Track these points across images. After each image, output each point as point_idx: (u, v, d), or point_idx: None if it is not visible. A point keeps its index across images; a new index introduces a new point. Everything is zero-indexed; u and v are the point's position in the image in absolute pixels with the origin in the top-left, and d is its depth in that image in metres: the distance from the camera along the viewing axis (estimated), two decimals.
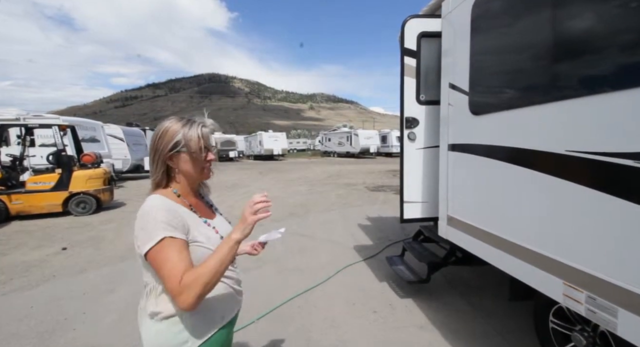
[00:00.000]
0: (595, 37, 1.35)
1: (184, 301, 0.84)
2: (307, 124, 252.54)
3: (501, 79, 1.91)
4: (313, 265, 4.01)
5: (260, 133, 31.38)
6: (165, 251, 0.88)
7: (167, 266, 0.87)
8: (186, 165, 1.02)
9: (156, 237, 0.88)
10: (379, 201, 8.30)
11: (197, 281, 0.85)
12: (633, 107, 1.15)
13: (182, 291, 0.84)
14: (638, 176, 1.13)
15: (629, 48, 1.20)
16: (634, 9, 1.19)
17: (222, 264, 0.90)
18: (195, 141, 1.00)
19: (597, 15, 1.37)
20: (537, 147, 1.59)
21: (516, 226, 1.81)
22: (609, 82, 1.25)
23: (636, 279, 1.16)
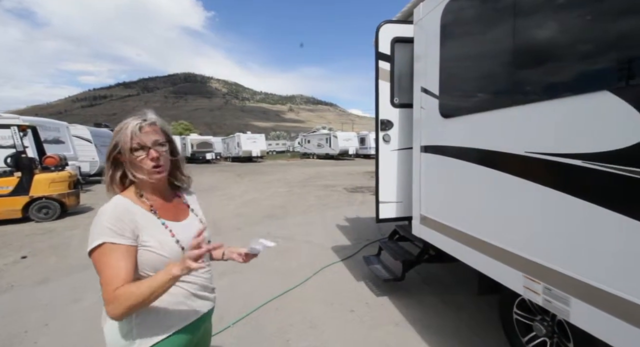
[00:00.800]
0: (549, 46, 1.46)
1: (111, 311, 0.86)
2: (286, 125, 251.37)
3: (467, 83, 2.02)
4: (292, 267, 4.00)
5: (238, 134, 30.86)
6: (105, 257, 0.89)
7: (106, 272, 0.88)
8: (132, 167, 0.99)
9: (96, 241, 0.89)
10: (357, 202, 8.41)
11: (126, 299, 0.85)
12: (581, 112, 1.26)
13: (112, 301, 0.85)
14: (586, 174, 1.24)
15: (578, 57, 1.31)
16: (586, 22, 1.31)
17: (152, 293, 0.87)
18: (126, 142, 0.96)
19: (553, 27, 1.48)
20: (500, 149, 1.69)
21: (482, 224, 1.92)
22: (562, 88, 1.36)
23: (586, 270, 1.27)
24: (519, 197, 1.59)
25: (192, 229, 1.07)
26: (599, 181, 1.20)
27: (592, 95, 1.21)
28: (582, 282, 1.27)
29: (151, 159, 0.98)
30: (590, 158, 1.22)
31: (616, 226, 1.16)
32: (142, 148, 0.97)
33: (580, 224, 1.29)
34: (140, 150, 0.97)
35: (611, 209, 1.16)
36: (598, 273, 1.22)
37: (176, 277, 0.90)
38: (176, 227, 1.04)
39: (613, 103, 1.13)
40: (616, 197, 1.15)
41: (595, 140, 1.21)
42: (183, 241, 1.02)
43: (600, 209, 1.20)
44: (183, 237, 1.03)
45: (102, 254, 0.89)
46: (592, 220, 1.24)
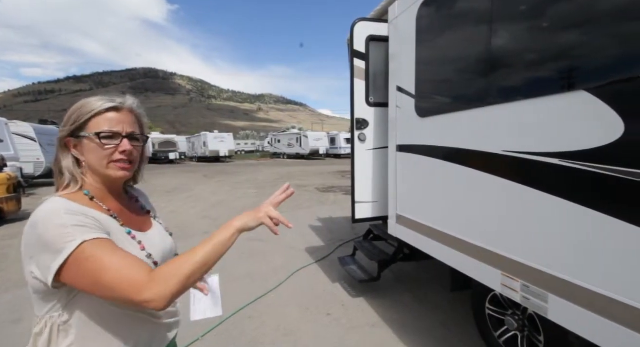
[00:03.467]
0: (524, 47, 1.49)
1: (158, 293, 0.64)
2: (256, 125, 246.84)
3: (444, 83, 2.03)
4: (264, 270, 3.84)
5: (204, 134, 29.62)
6: (98, 253, 0.66)
7: (115, 264, 0.66)
8: (90, 156, 0.78)
9: (70, 244, 0.65)
10: (330, 202, 8.39)
11: (179, 271, 0.68)
12: (558, 111, 1.28)
13: (151, 286, 0.65)
14: (563, 173, 1.27)
15: (553, 58, 1.34)
16: (559, 24, 1.34)
17: (216, 253, 0.73)
18: (95, 124, 0.77)
19: (527, 28, 1.51)
20: (477, 148, 1.70)
21: (460, 222, 1.93)
22: (538, 88, 1.38)
23: (563, 266, 1.30)
24: (497, 195, 1.61)
25: (160, 241, 0.90)
26: (576, 180, 1.22)
27: (568, 94, 1.24)
28: (560, 278, 1.30)
29: (122, 151, 0.79)
30: (567, 157, 1.24)
31: (593, 223, 1.19)
32: (113, 136, 0.78)
33: (558, 222, 1.32)
34: (110, 138, 0.78)
35: (587, 207, 1.19)
36: (575, 270, 1.25)
37: (241, 229, 0.78)
38: (143, 238, 0.84)
39: (589, 102, 1.16)
40: (592, 195, 1.18)
41: (571, 139, 1.23)
42: (155, 255, 0.82)
43: (577, 207, 1.23)
44: (153, 251, 0.83)
45: (90, 255, 0.66)
46: (568, 218, 1.27)
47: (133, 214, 0.90)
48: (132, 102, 0.85)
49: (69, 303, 0.72)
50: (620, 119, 1.06)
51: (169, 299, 0.66)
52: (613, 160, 1.09)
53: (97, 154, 0.78)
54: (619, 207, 1.10)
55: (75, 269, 0.66)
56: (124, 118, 0.81)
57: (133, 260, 0.69)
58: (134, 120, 0.84)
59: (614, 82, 1.09)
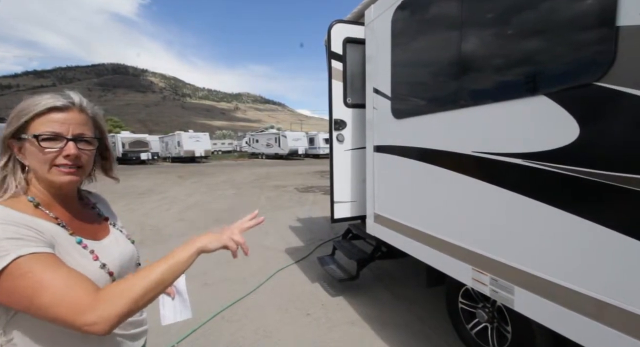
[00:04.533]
0: (491, 53, 1.58)
1: (102, 316, 0.59)
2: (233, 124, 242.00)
3: (418, 85, 2.11)
4: (243, 273, 3.78)
5: (179, 133, 28.64)
6: (33, 273, 0.59)
7: (55, 282, 0.60)
8: (31, 160, 0.72)
9: (2, 259, 0.59)
10: (309, 202, 8.40)
11: (131, 289, 0.63)
12: (520, 114, 1.37)
13: (96, 306, 0.60)
14: (527, 172, 1.36)
15: (516, 64, 1.43)
16: (522, 33, 1.43)
17: (173, 273, 0.70)
18: (36, 125, 0.71)
19: (495, 36, 1.60)
20: (449, 149, 1.78)
21: (433, 220, 2.01)
22: (503, 92, 1.47)
23: (528, 260, 1.39)
24: (467, 194, 1.69)
25: (117, 249, 0.84)
26: (538, 179, 1.31)
27: (530, 99, 1.33)
28: (524, 272, 1.39)
29: (65, 155, 0.72)
30: (530, 157, 1.33)
31: (553, 219, 1.28)
32: (55, 138, 0.71)
33: (522, 218, 1.40)
34: (51, 140, 0.71)
35: (549, 204, 1.28)
36: (538, 263, 1.34)
37: (202, 250, 0.74)
38: (97, 247, 0.78)
39: (549, 106, 1.25)
40: (553, 193, 1.27)
41: (534, 141, 1.32)
42: (111, 265, 0.77)
43: (539, 204, 1.32)
44: (109, 260, 0.78)
45: (25, 272, 0.59)
46: (532, 214, 1.36)
47: (86, 222, 0.83)
48: (79, 98, 0.77)
49: (10, 322, 0.66)
50: (575, 122, 1.15)
51: (113, 322, 0.61)
52: (570, 161, 1.18)
53: (38, 158, 0.71)
54: (577, 204, 1.20)
55: (7, 287, 0.59)
56: (70, 118, 0.74)
57: (76, 278, 0.63)
58: (84, 120, 0.77)
59: (569, 88, 1.18)
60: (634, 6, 1.00)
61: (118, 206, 7.85)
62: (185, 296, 0.95)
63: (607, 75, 1.06)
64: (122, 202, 8.38)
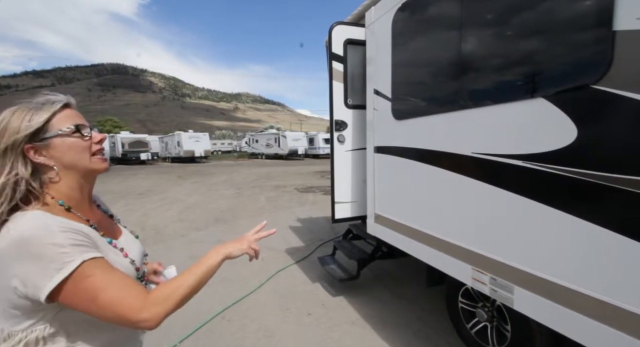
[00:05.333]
0: (491, 56, 1.59)
1: (155, 314, 0.68)
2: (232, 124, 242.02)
3: (418, 87, 2.12)
4: (243, 273, 3.80)
5: (178, 133, 28.63)
6: (95, 276, 0.66)
7: (115, 285, 0.67)
8: (68, 154, 0.73)
9: (69, 264, 0.63)
10: (309, 202, 8.42)
11: (174, 293, 0.72)
12: (520, 116, 1.39)
13: (150, 305, 0.68)
14: (525, 173, 1.37)
15: (515, 67, 1.44)
16: (522, 36, 1.44)
17: (206, 277, 0.78)
18: (71, 117, 0.75)
19: (495, 38, 1.61)
20: (449, 150, 1.80)
21: (433, 220, 2.03)
22: (503, 94, 1.48)
23: (527, 260, 1.40)
24: (467, 194, 1.71)
25: (133, 246, 0.90)
26: (537, 180, 1.33)
27: (530, 101, 1.35)
28: (524, 271, 1.40)
29: (98, 141, 0.78)
30: (529, 159, 1.35)
31: (551, 219, 1.30)
32: (84, 128, 0.76)
33: (521, 218, 1.42)
34: (86, 129, 0.76)
35: (547, 204, 1.30)
36: (537, 262, 1.36)
37: (229, 256, 0.85)
38: (123, 245, 0.85)
39: (547, 108, 1.27)
40: (552, 193, 1.29)
41: (533, 142, 1.34)
42: (136, 261, 0.86)
43: (538, 204, 1.34)
44: (132, 256, 0.85)
45: (89, 275, 0.65)
46: (531, 214, 1.38)
47: (104, 222, 0.87)
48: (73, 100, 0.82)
49: (57, 315, 0.70)
50: (573, 125, 1.17)
51: (162, 320, 0.70)
52: (568, 162, 1.20)
53: (78, 149, 0.74)
54: (574, 205, 1.22)
55: (72, 289, 0.65)
56: (78, 113, 0.80)
57: (128, 280, 0.72)
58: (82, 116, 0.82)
59: (567, 91, 1.20)
60: (631, 10, 1.02)
61: (118, 206, 7.85)
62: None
63: (604, 78, 1.08)
64: (121, 203, 8.39)
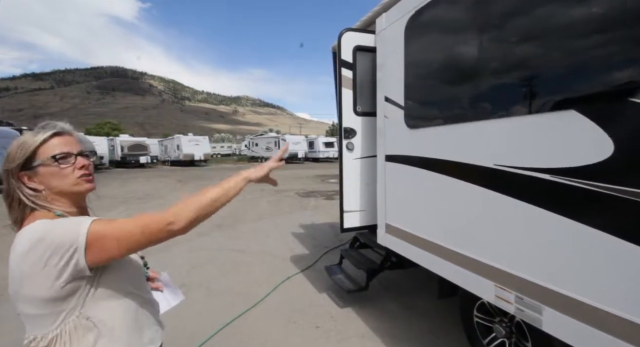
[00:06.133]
0: (515, 65, 1.54)
1: (181, 217, 0.81)
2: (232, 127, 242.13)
3: (436, 96, 2.07)
4: (248, 283, 3.72)
5: (178, 136, 28.54)
6: (110, 221, 0.80)
7: (129, 219, 0.80)
8: (53, 181, 0.85)
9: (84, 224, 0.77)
10: (311, 207, 8.34)
11: (193, 205, 0.83)
12: (552, 129, 1.33)
13: (173, 211, 0.81)
14: (557, 188, 1.31)
15: (545, 78, 1.39)
16: (554, 44, 1.39)
17: (225, 195, 0.89)
18: (44, 151, 0.84)
19: (525, 44, 1.56)
20: (469, 161, 1.74)
21: (452, 233, 1.96)
22: (533, 105, 1.42)
23: (558, 279, 1.34)
24: (489, 208, 1.64)
25: None
26: (569, 195, 1.27)
27: (559, 113, 1.29)
28: (553, 291, 1.34)
29: (80, 167, 0.88)
30: (559, 173, 1.29)
31: (584, 237, 1.23)
32: (67, 156, 0.86)
33: (551, 235, 1.36)
34: (66, 158, 0.86)
35: (580, 221, 1.24)
36: (570, 282, 1.29)
37: (249, 179, 0.96)
38: None
39: (579, 122, 1.21)
40: (586, 210, 1.23)
41: (564, 156, 1.28)
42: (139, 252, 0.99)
43: (570, 221, 1.27)
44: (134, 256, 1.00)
45: (108, 220, 0.80)
46: (561, 231, 1.31)
47: None
48: (66, 125, 0.92)
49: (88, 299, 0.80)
50: (609, 139, 1.11)
51: (189, 223, 0.81)
52: (604, 177, 1.14)
53: (60, 175, 0.85)
54: (611, 223, 1.16)
55: (100, 233, 0.76)
56: (68, 140, 0.89)
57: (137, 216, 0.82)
58: (76, 140, 0.92)
59: (603, 103, 1.15)
60: None
61: (117, 212, 7.75)
62: (171, 286, 1.15)
63: None
64: (121, 208, 8.29)
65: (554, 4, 1.33)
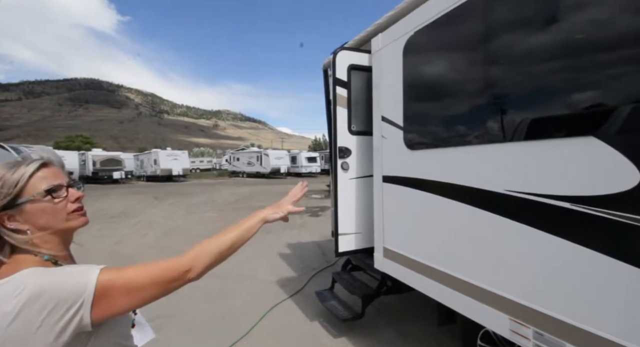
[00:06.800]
0: (526, 89, 1.51)
1: (197, 265, 0.79)
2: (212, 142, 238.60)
3: (440, 117, 2.02)
4: (234, 311, 3.44)
5: (155, 151, 27.57)
6: (120, 270, 0.72)
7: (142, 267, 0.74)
8: (42, 218, 0.75)
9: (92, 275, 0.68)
10: (297, 225, 8.11)
11: (210, 251, 0.81)
12: (569, 155, 1.28)
13: (190, 258, 0.79)
14: (576, 217, 1.25)
15: (560, 103, 1.36)
16: (570, 67, 1.37)
17: (242, 238, 0.88)
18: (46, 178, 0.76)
19: (530, 65, 1.54)
20: (477, 185, 1.67)
21: (459, 261, 1.86)
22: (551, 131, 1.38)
23: (581, 314, 1.26)
24: (504, 237, 1.56)
25: None
26: (592, 225, 1.21)
27: (578, 139, 1.25)
28: (577, 327, 1.25)
29: (75, 200, 0.81)
30: (583, 202, 1.23)
31: (606, 268, 1.17)
32: (59, 188, 0.77)
33: (570, 266, 1.29)
34: (57, 191, 0.77)
35: (601, 252, 1.18)
36: (594, 318, 1.21)
37: (266, 220, 0.95)
38: None
39: (600, 149, 1.17)
40: (611, 240, 1.17)
41: (583, 184, 1.23)
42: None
43: (590, 252, 1.21)
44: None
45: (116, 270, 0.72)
46: (581, 262, 1.25)
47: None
48: (54, 157, 0.84)
49: None
50: (635, 168, 1.07)
51: (204, 270, 0.80)
52: (629, 207, 1.09)
53: (52, 212, 0.76)
54: (635, 255, 1.10)
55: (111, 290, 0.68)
56: (56, 171, 0.81)
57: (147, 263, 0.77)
58: (61, 171, 0.84)
59: (629, 132, 1.11)
60: None
61: (90, 233, 7.16)
62: (143, 322, 1.08)
63: None
64: (94, 228, 7.68)
65: (564, 26, 1.31)
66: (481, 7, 1.64)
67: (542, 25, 1.40)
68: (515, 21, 1.52)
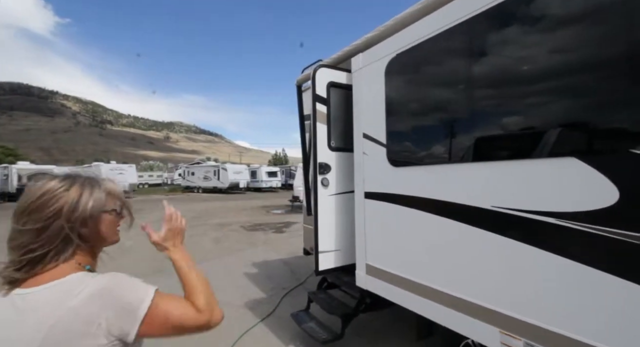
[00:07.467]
0: (508, 110, 1.63)
1: (217, 315, 0.90)
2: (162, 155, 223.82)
3: (425, 135, 2.09)
4: (199, 342, 3.10)
5: (97, 164, 25.07)
6: (165, 299, 0.82)
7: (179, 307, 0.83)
8: (108, 229, 0.89)
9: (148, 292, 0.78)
10: (261, 242, 7.81)
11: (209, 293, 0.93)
12: (553, 173, 1.39)
13: (207, 310, 0.87)
14: (560, 232, 1.35)
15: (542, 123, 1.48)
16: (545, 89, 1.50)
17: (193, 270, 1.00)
18: (109, 202, 0.89)
19: (511, 86, 1.67)
20: (464, 202, 1.74)
21: (446, 276, 1.89)
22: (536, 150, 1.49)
23: (568, 324, 1.33)
24: (491, 252, 1.63)
25: None
26: (577, 239, 1.31)
27: (558, 160, 1.37)
28: (566, 336, 1.33)
29: (120, 219, 0.95)
30: (562, 217, 1.33)
31: (592, 279, 1.26)
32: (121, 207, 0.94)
33: (560, 279, 1.37)
34: (122, 209, 0.95)
35: (586, 264, 1.28)
36: (582, 328, 1.30)
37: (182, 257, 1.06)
38: None
39: (581, 169, 1.29)
40: (593, 253, 1.27)
41: (564, 201, 1.34)
42: None
43: (578, 265, 1.31)
44: None
45: (160, 301, 0.79)
46: (570, 275, 1.34)
47: None
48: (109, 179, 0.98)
49: None
50: (614, 187, 1.19)
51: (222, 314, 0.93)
52: (610, 222, 1.20)
53: (113, 225, 0.91)
54: (617, 266, 1.21)
55: (159, 306, 0.78)
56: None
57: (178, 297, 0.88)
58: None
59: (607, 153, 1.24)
60: None
61: None
62: None
63: None
64: None
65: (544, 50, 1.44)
66: (461, 33, 1.77)
67: (521, 50, 1.54)
68: (495, 45, 1.66)
